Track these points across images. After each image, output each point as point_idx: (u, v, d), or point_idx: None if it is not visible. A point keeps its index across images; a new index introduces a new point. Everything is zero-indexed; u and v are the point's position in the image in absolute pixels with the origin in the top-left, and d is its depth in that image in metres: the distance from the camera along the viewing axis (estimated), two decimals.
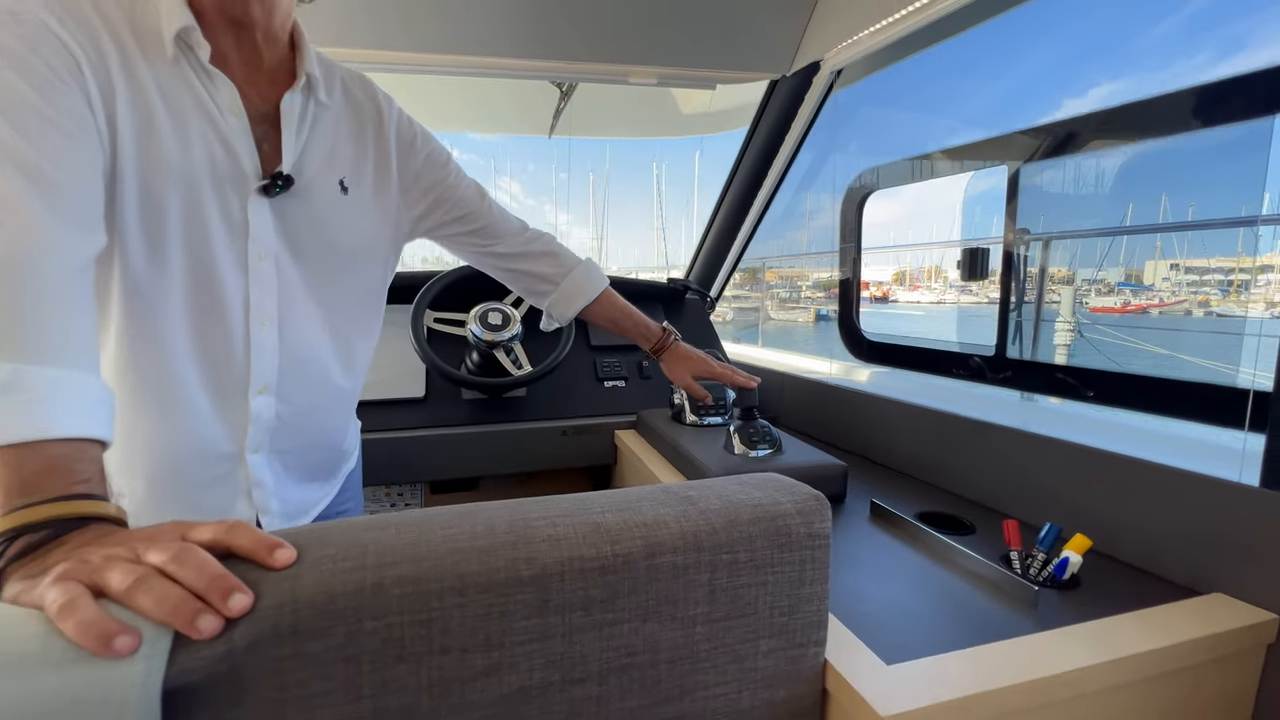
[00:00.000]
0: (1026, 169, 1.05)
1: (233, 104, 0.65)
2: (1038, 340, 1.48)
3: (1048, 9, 1.08)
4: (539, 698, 0.44)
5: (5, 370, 0.44)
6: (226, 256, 0.66)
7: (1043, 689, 0.52)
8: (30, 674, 0.33)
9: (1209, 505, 0.68)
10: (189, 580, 0.37)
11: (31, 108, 0.53)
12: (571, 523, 0.46)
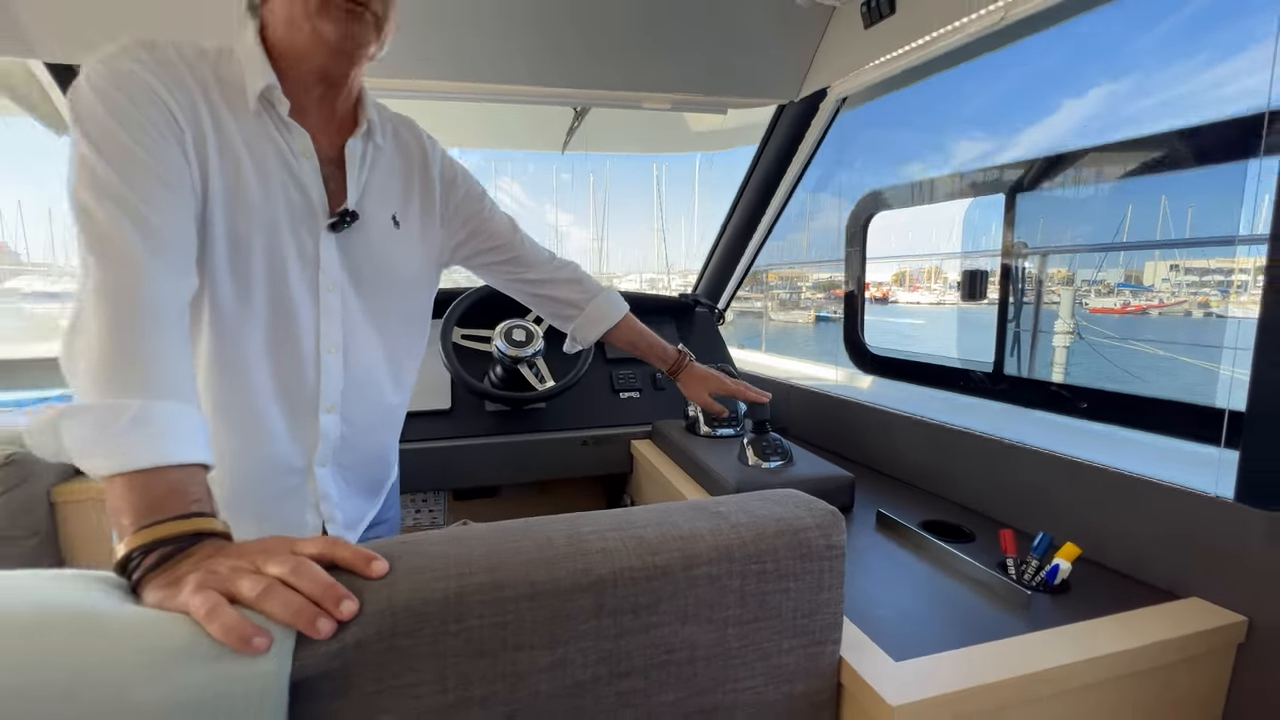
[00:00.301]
0: (1021, 197, 1.12)
1: (306, 150, 0.73)
2: (1035, 354, 1.54)
3: (1046, 44, 1.14)
4: (593, 689, 0.51)
5: (136, 406, 0.50)
6: (300, 289, 0.73)
7: (1032, 684, 0.59)
8: (184, 667, 0.40)
9: (1188, 516, 0.75)
10: (306, 589, 0.44)
11: (138, 160, 0.60)
12: (620, 536, 0.53)
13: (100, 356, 0.52)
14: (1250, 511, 0.69)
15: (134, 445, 0.50)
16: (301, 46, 0.68)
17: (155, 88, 0.62)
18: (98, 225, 0.57)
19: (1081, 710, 0.64)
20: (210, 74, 0.68)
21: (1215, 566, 0.72)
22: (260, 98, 0.69)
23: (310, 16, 0.66)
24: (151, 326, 0.55)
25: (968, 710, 0.57)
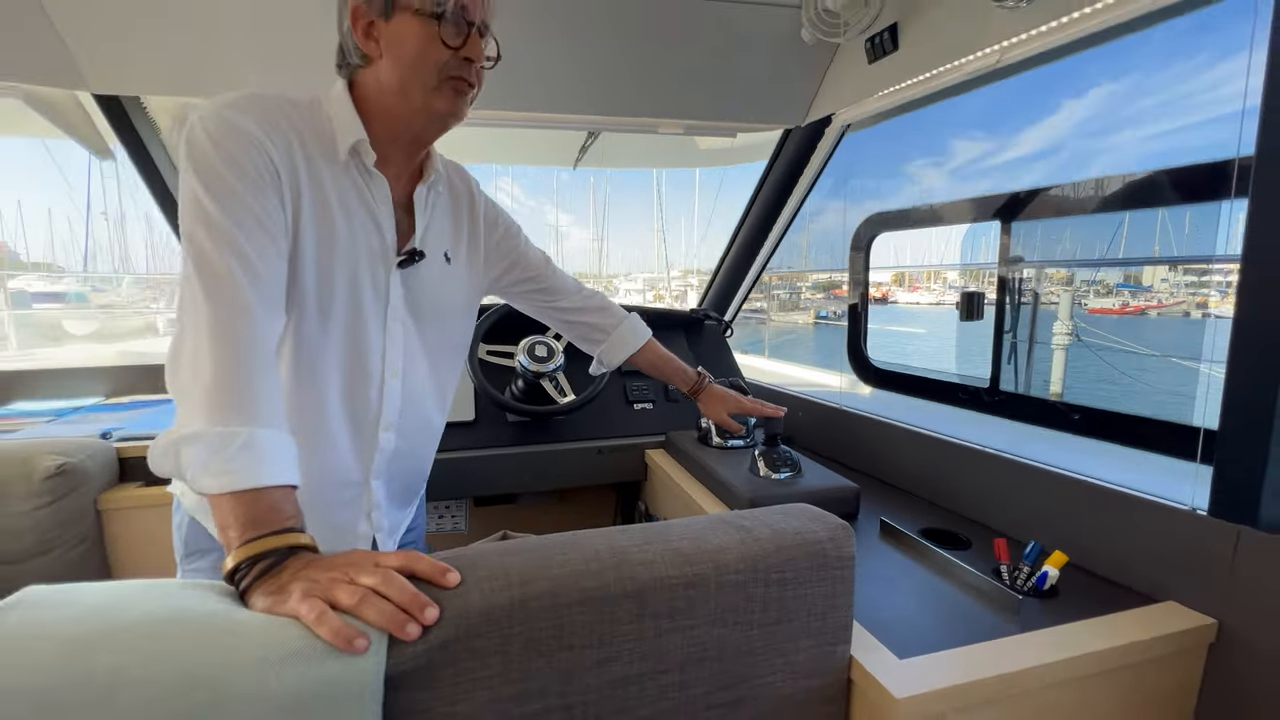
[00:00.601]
0: (1016, 225, 1.19)
1: (385, 197, 0.81)
2: (1031, 366, 1.61)
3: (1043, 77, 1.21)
4: (636, 683, 0.58)
5: (245, 434, 0.58)
6: (372, 320, 0.81)
7: (1023, 679, 0.66)
8: (301, 663, 0.47)
9: (1166, 528, 0.82)
10: (396, 598, 0.51)
11: (245, 206, 0.67)
12: (658, 549, 0.60)
13: (213, 387, 0.60)
14: (1222, 524, 0.76)
15: (242, 468, 0.57)
16: (406, 113, 0.77)
17: (260, 139, 0.70)
18: (210, 263, 0.64)
19: (1067, 702, 0.71)
20: (304, 125, 0.76)
21: (1190, 573, 0.79)
22: (350, 150, 0.77)
23: (427, 93, 0.75)
24: (257, 363, 0.63)
25: (965, 703, 0.64)
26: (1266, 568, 0.72)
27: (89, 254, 30.97)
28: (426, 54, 0.74)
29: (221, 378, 0.60)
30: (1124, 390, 5.91)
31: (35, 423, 1.60)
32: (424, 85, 0.75)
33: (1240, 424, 0.75)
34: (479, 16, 0.77)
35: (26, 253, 39.73)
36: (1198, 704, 0.78)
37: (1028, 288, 1.47)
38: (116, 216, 30.96)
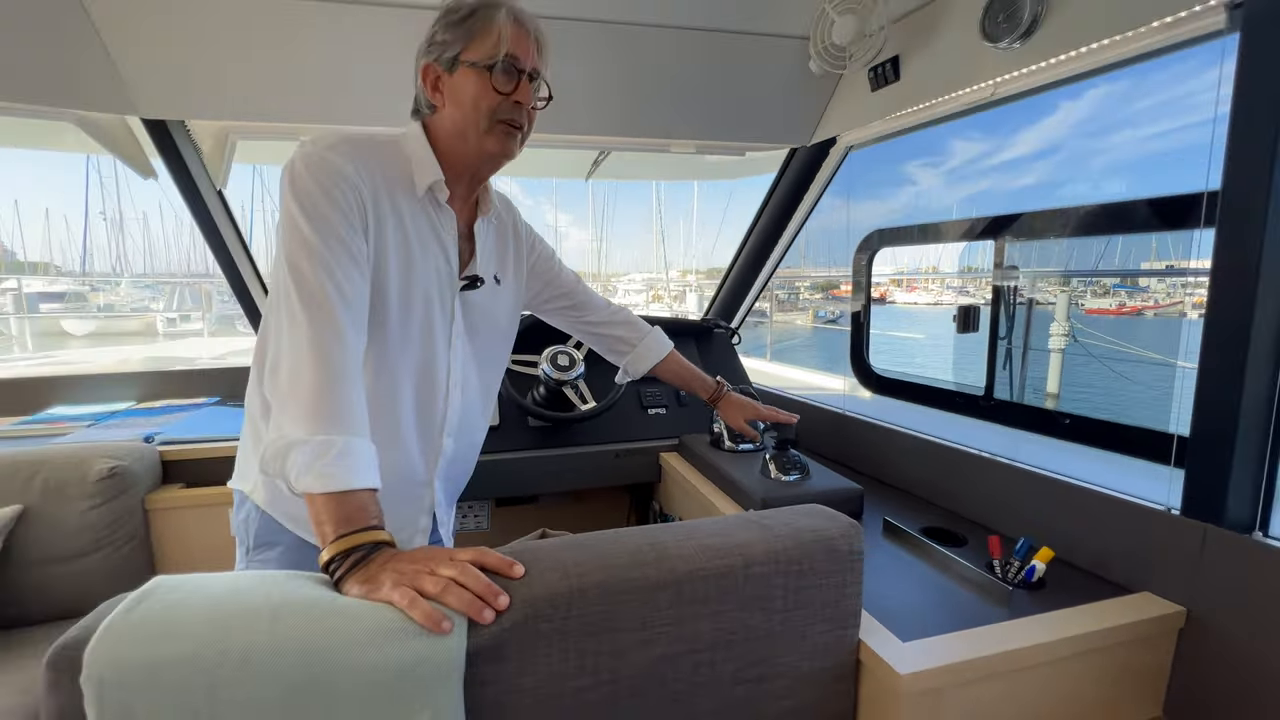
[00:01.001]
0: (1010, 246, 1.28)
1: (452, 229, 0.91)
2: (1025, 372, 1.70)
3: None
4: (674, 662, 0.66)
5: (341, 441, 0.67)
6: (441, 337, 0.91)
7: (1011, 658, 0.75)
8: (398, 641, 0.55)
9: (1142, 525, 0.91)
10: (472, 587, 0.59)
11: (341, 239, 0.76)
12: (693, 545, 0.68)
13: (313, 399, 0.68)
14: (1191, 522, 0.85)
15: (338, 472, 0.65)
16: (465, 154, 0.87)
17: (353, 178, 0.79)
18: (310, 287, 0.73)
19: (1052, 680, 0.80)
20: (387, 163, 0.85)
21: (1162, 567, 0.88)
22: (428, 189, 0.87)
23: (480, 135, 0.85)
24: (349, 378, 0.72)
25: (960, 679, 0.73)
26: (1229, 562, 0.81)
27: (86, 254, 30.92)
28: (480, 100, 0.84)
29: (320, 391, 0.69)
30: (1114, 394, 5.99)
31: (75, 427, 1.68)
32: (478, 128, 0.85)
33: (1208, 433, 0.84)
34: (529, 64, 0.86)
35: (24, 252, 39.62)
36: (1169, 683, 0.86)
37: (1022, 298, 1.55)
38: (114, 216, 30.93)
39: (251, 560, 0.93)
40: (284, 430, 0.68)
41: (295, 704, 0.52)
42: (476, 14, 0.84)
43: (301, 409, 0.68)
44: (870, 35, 1.26)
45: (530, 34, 0.87)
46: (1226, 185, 0.81)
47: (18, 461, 1.33)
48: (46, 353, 4.07)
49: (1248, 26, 0.79)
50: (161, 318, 20.57)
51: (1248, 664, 0.79)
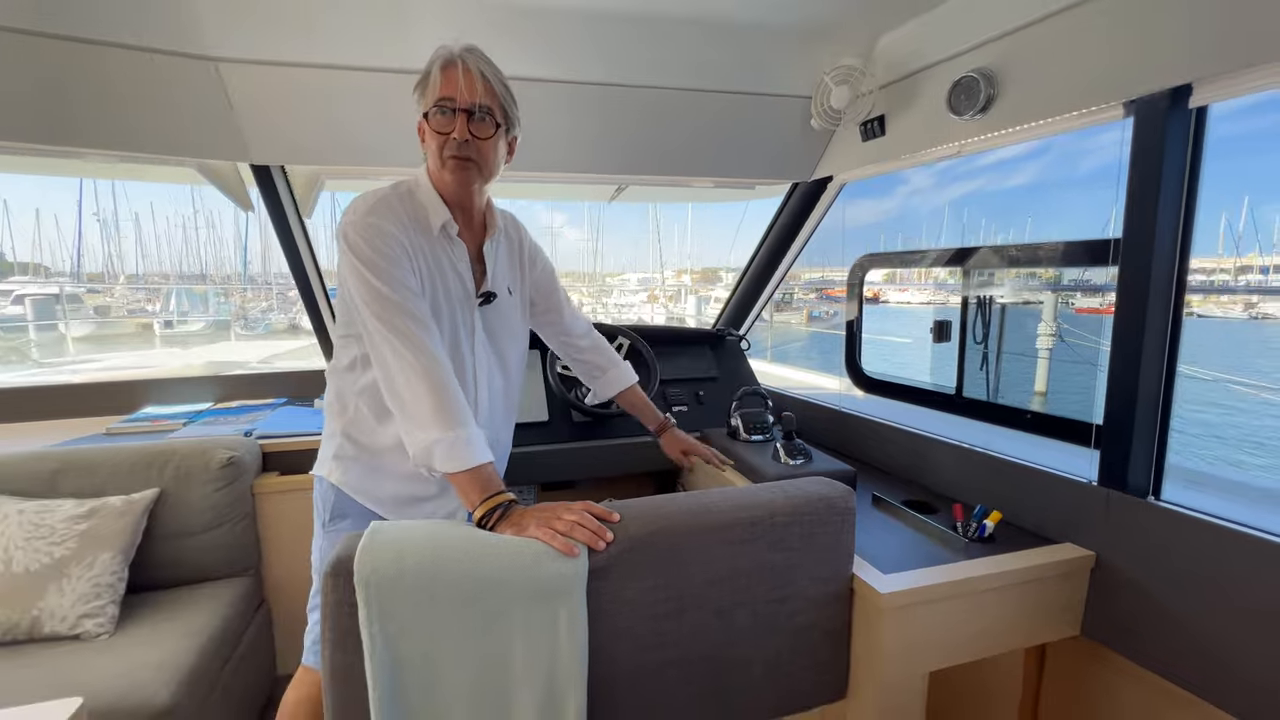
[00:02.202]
0: (975, 274, 1.56)
1: (464, 257, 1.11)
2: (999, 374, 1.98)
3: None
4: (719, 584, 0.94)
5: (465, 433, 0.92)
6: (466, 348, 1.11)
7: (962, 585, 1.03)
8: (545, 561, 0.82)
9: (1069, 493, 1.19)
10: (590, 526, 0.86)
11: (403, 283, 0.99)
12: (733, 502, 0.96)
13: (435, 408, 0.93)
14: (1104, 490, 1.13)
15: (470, 455, 0.92)
16: (442, 188, 1.07)
17: (395, 234, 1.01)
18: (398, 328, 0.95)
19: (994, 603, 1.08)
20: (412, 211, 1.05)
21: (1082, 523, 1.16)
22: (441, 227, 1.07)
23: (440, 172, 1.04)
24: (454, 387, 0.97)
25: (924, 598, 1.01)
26: (1129, 519, 1.09)
27: (80, 254, 30.77)
28: (432, 143, 1.03)
29: (439, 402, 0.93)
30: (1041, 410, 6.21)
31: (176, 424, 1.94)
32: (439, 167, 1.04)
33: (1114, 423, 1.12)
34: (463, 102, 0.99)
35: (13, 253, 39.30)
36: (1084, 609, 1.15)
37: (1001, 300, 1.82)
38: (106, 217, 30.79)
39: (328, 530, 1.14)
40: (420, 434, 0.92)
41: (484, 595, 0.80)
42: (428, 73, 1.02)
43: (430, 417, 0.92)
44: (861, 97, 1.54)
45: (459, 73, 0.99)
46: (1125, 235, 1.09)
47: (152, 453, 1.60)
48: (87, 358, 4.31)
49: (1136, 118, 1.08)
50: (159, 320, 20.69)
51: (1141, 594, 1.07)
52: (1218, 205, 40.21)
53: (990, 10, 1.28)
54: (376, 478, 1.13)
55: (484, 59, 1.03)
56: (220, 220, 34.23)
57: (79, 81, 1.35)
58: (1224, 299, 32.02)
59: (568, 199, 2.98)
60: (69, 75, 1.34)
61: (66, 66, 1.32)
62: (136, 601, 1.46)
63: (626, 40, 1.48)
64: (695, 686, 0.94)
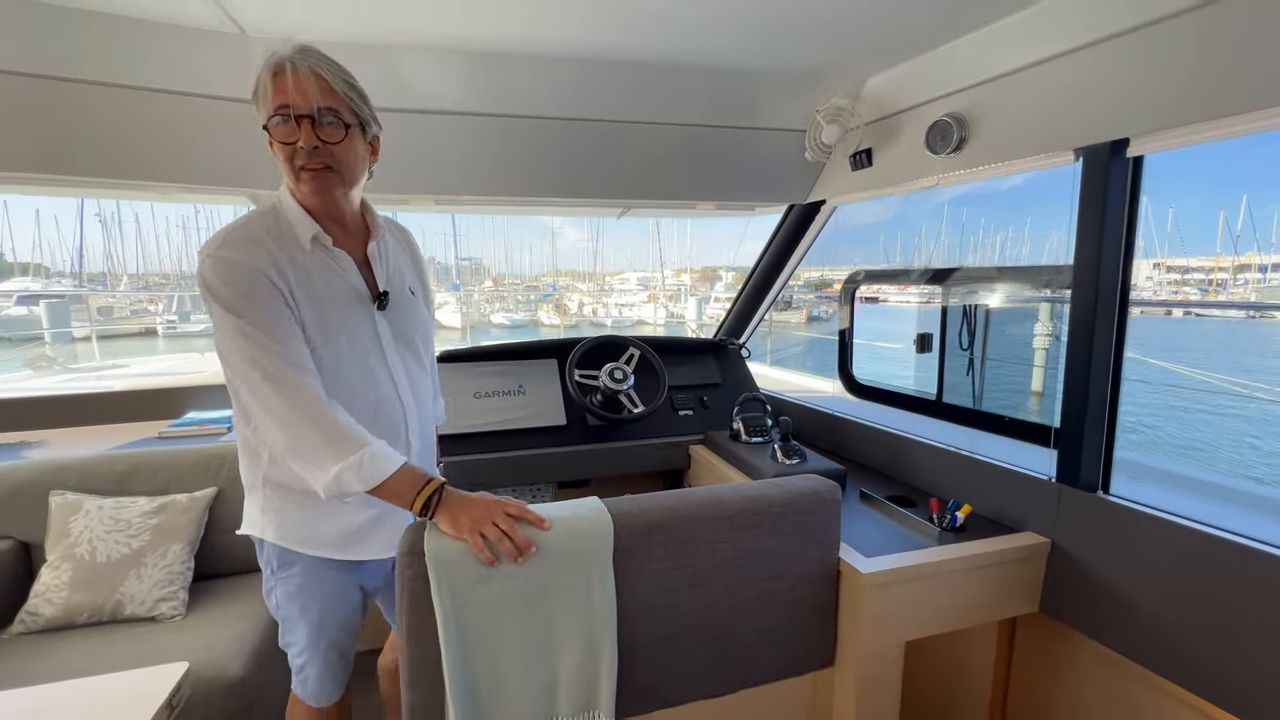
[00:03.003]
0: (951, 291, 1.73)
1: (348, 263, 1.06)
2: (984, 380, 2.15)
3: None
4: (727, 564, 1.11)
5: (368, 449, 0.93)
6: (375, 355, 1.08)
7: (933, 567, 1.20)
8: (577, 538, 0.99)
9: (1030, 488, 1.36)
10: (516, 539, 0.94)
11: (269, 320, 0.93)
12: (739, 495, 1.13)
13: (325, 440, 0.93)
14: (1059, 485, 1.30)
15: (382, 467, 0.94)
16: (304, 200, 1.01)
17: (253, 266, 0.94)
18: (266, 369, 0.91)
19: (962, 583, 1.25)
20: (275, 233, 0.99)
21: (1040, 514, 1.33)
22: (313, 240, 1.02)
23: (297, 184, 0.99)
24: (334, 411, 0.95)
25: (900, 578, 1.18)
26: (1081, 511, 1.26)
27: (82, 255, 30.85)
28: (279, 156, 0.96)
29: (325, 432, 0.93)
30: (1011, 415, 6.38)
31: (220, 429, 2.11)
32: (294, 180, 0.98)
33: (1069, 427, 1.29)
34: (303, 108, 0.93)
35: (13, 253, 39.40)
36: (1041, 589, 1.32)
37: (981, 315, 1.99)
38: (108, 216, 30.88)
39: (280, 578, 1.12)
40: (321, 472, 0.92)
41: (529, 569, 0.96)
42: (257, 88, 0.94)
43: (323, 451, 0.92)
44: (849, 132, 1.71)
45: (289, 78, 0.92)
46: (1075, 262, 1.26)
47: (209, 455, 1.76)
48: (114, 362, 4.47)
49: (1084, 163, 1.24)
50: (161, 320, 20.85)
51: (1090, 576, 1.24)
52: (1215, 203, 39.61)
53: (963, 63, 1.44)
54: (316, 518, 1.09)
55: (320, 58, 0.96)
56: (220, 219, 34.45)
57: (155, 127, 1.52)
58: (1221, 298, 32.18)
59: (580, 215, 3.14)
60: (147, 122, 1.50)
61: (145, 114, 1.49)
62: (202, 588, 1.63)
63: (639, 83, 1.65)
64: (705, 651, 1.11)
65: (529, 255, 49.47)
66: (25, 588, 1.55)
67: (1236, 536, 1.04)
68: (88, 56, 1.38)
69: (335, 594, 1.15)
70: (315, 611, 1.14)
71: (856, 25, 1.38)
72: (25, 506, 1.59)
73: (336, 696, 1.21)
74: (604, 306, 26.14)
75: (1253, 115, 1.01)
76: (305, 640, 1.15)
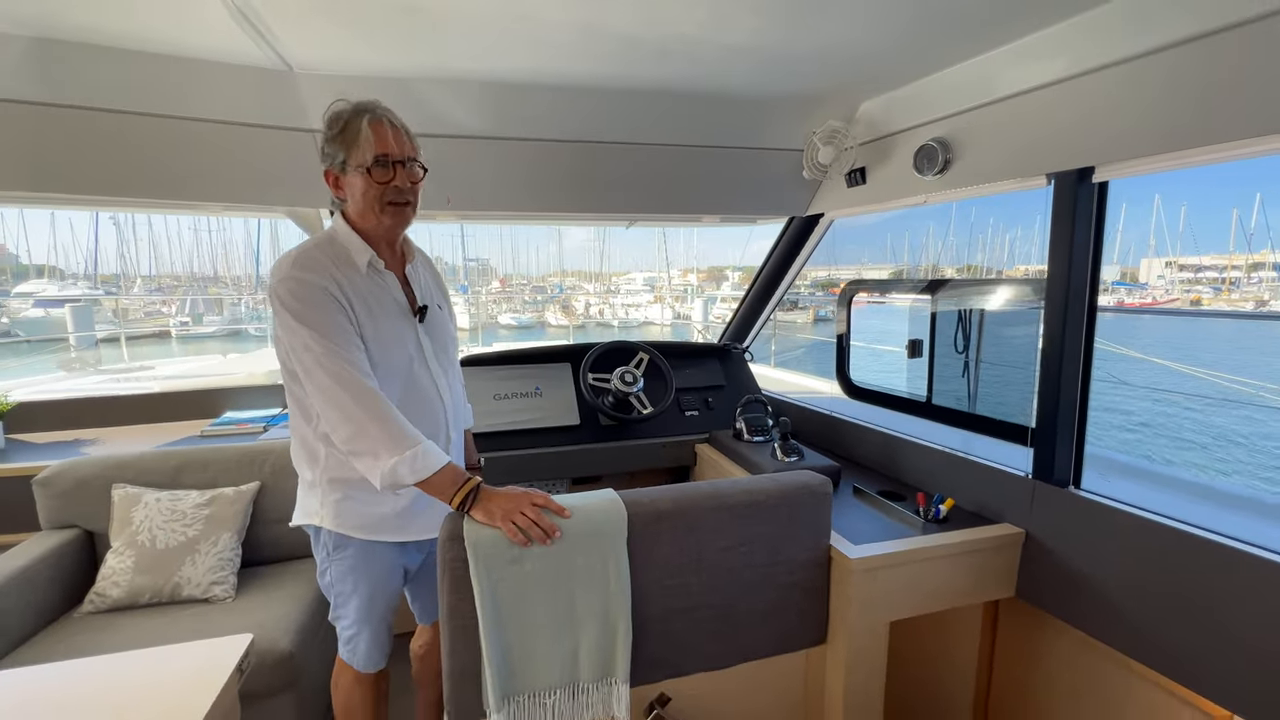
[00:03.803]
0: (943, 301, 1.85)
1: (395, 284, 1.24)
2: (977, 383, 2.27)
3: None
4: (730, 550, 1.24)
5: (419, 446, 1.08)
6: (419, 362, 1.25)
7: (917, 553, 1.33)
8: (594, 522, 1.13)
9: (1007, 483, 1.48)
10: (543, 525, 1.09)
11: (336, 329, 1.10)
12: (740, 489, 1.26)
13: (385, 435, 1.08)
14: (1034, 481, 1.42)
15: (431, 463, 1.09)
16: (374, 229, 1.19)
17: (321, 283, 1.11)
18: (335, 372, 1.07)
19: (943, 568, 1.37)
20: (335, 257, 1.16)
21: (1016, 507, 1.45)
22: (368, 265, 1.19)
23: (378, 215, 1.17)
24: (394, 411, 1.11)
25: (886, 564, 1.31)
26: (1053, 505, 1.38)
27: (97, 257, 31.29)
28: (369, 192, 1.14)
29: (384, 429, 1.08)
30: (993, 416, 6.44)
31: (257, 428, 2.26)
32: (375, 212, 1.16)
33: (1043, 427, 1.42)
34: (398, 154, 1.14)
35: (29, 255, 39.97)
36: (1017, 574, 1.44)
37: (975, 321, 2.10)
38: (123, 218, 31.31)
39: (333, 559, 1.27)
40: (378, 463, 1.07)
41: (554, 550, 1.10)
42: (346, 127, 1.13)
43: (383, 444, 1.07)
44: (844, 152, 1.84)
45: (387, 129, 1.13)
46: (1048, 276, 1.38)
47: (252, 452, 1.91)
48: (143, 363, 4.65)
49: (1055, 187, 1.37)
50: (175, 322, 21.21)
51: (1061, 563, 1.36)
52: (1227, 202, 38.87)
53: (948, 93, 1.57)
54: (367, 507, 1.24)
55: (393, 113, 1.19)
56: (230, 221, 34.75)
57: (208, 153, 1.67)
58: (1234, 296, 31.87)
59: (590, 225, 3.28)
60: (201, 149, 1.65)
61: (200, 142, 1.64)
62: (249, 574, 1.78)
63: (650, 109, 1.78)
64: (710, 627, 1.24)
65: (536, 256, 49.72)
66: (89, 572, 1.70)
67: (1192, 528, 1.16)
68: (154, 93, 1.53)
69: (382, 572, 1.30)
70: (366, 588, 1.29)
71: (850, 57, 1.51)
72: (89, 499, 1.74)
73: (383, 664, 1.37)
74: (610, 307, 26.30)
75: (1204, 149, 1.13)
76: (356, 614, 1.30)
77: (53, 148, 1.56)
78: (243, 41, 1.39)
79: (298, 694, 1.56)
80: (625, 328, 22.18)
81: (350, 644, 1.32)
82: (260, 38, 1.37)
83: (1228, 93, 1.06)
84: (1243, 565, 1.07)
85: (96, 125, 1.55)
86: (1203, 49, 1.08)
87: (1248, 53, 1.03)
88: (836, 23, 1.30)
